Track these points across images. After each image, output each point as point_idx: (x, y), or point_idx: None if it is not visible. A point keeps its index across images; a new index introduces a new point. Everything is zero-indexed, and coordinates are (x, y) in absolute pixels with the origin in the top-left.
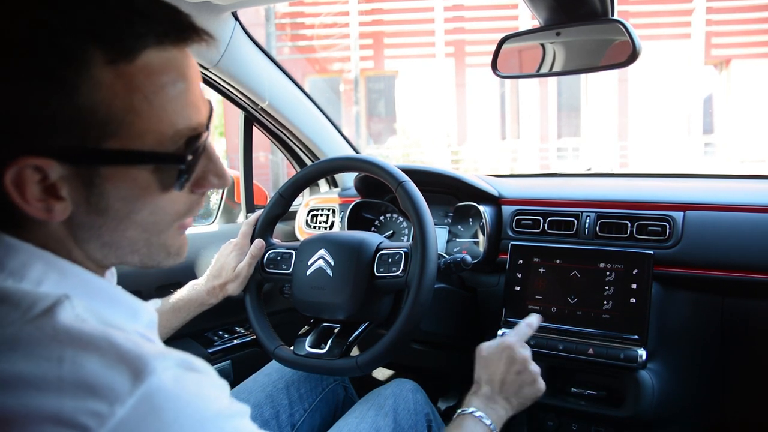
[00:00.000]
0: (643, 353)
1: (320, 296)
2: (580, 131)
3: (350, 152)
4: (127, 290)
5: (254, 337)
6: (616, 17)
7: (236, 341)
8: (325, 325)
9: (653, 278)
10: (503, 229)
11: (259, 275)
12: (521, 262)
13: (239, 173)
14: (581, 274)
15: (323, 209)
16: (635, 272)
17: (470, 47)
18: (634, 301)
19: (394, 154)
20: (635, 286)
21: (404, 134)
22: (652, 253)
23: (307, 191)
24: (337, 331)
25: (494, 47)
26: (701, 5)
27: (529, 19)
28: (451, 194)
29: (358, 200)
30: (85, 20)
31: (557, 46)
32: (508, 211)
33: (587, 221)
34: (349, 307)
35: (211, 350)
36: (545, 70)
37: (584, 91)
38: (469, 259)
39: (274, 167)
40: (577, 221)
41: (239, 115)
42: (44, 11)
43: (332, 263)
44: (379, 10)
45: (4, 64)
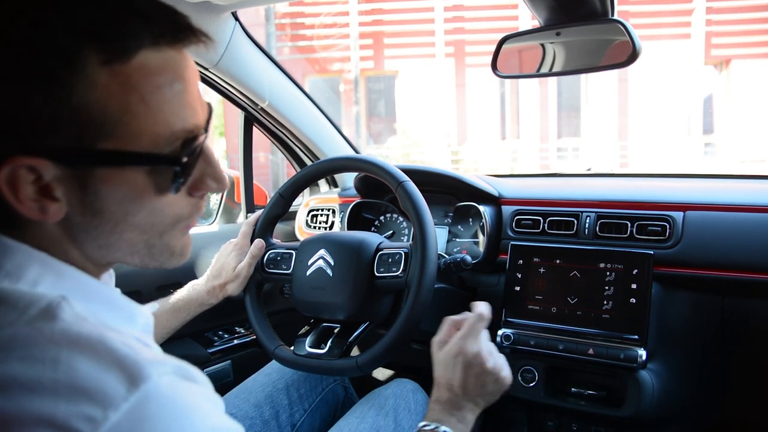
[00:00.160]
0: (643, 353)
1: (320, 296)
2: (580, 131)
3: (350, 152)
4: (126, 290)
5: (254, 337)
6: (616, 17)
7: (236, 341)
8: (325, 325)
9: (653, 278)
10: (503, 229)
11: (259, 275)
12: (521, 262)
13: (239, 173)
14: (581, 274)
15: (323, 209)
16: (635, 272)
17: (470, 47)
18: (634, 301)
19: (394, 154)
20: (635, 286)
21: (404, 134)
22: (652, 253)
23: (307, 191)
24: (337, 331)
25: (494, 47)
26: (701, 5)
27: (529, 19)
28: (451, 194)
29: (358, 200)
30: (80, 20)
31: (557, 46)
32: (508, 211)
33: (587, 221)
34: (349, 307)
35: (211, 350)
36: (545, 70)
37: (584, 91)
38: (469, 259)
39: (274, 167)
40: (577, 221)
41: (239, 115)
42: (39, 10)
43: (332, 263)
44: (379, 10)
45: None
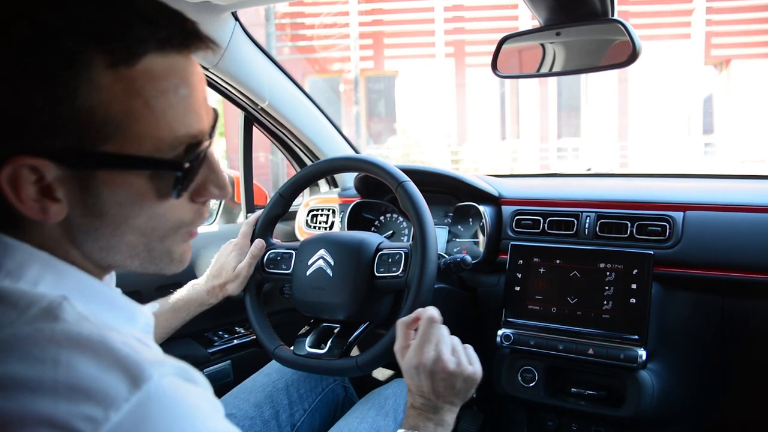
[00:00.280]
0: (643, 353)
1: (320, 296)
2: (580, 131)
3: (350, 152)
4: (127, 290)
5: (254, 337)
6: (616, 17)
7: (236, 341)
8: (325, 325)
9: (653, 278)
10: (503, 229)
11: (259, 275)
12: (521, 262)
13: (239, 173)
14: (581, 274)
15: (323, 209)
16: (635, 272)
17: (470, 47)
18: (634, 301)
19: (394, 154)
20: (635, 286)
21: (404, 134)
22: (652, 253)
23: (307, 191)
24: (337, 331)
25: (494, 47)
26: (701, 5)
27: (529, 19)
28: (451, 194)
29: (358, 200)
30: (86, 22)
31: (557, 46)
32: (508, 211)
33: (587, 221)
34: (349, 307)
35: (211, 350)
36: (545, 70)
37: (584, 91)
38: (469, 259)
39: (274, 167)
40: (577, 221)
41: (239, 115)
42: (45, 11)
43: (332, 263)
44: (379, 10)
45: (2, 62)
